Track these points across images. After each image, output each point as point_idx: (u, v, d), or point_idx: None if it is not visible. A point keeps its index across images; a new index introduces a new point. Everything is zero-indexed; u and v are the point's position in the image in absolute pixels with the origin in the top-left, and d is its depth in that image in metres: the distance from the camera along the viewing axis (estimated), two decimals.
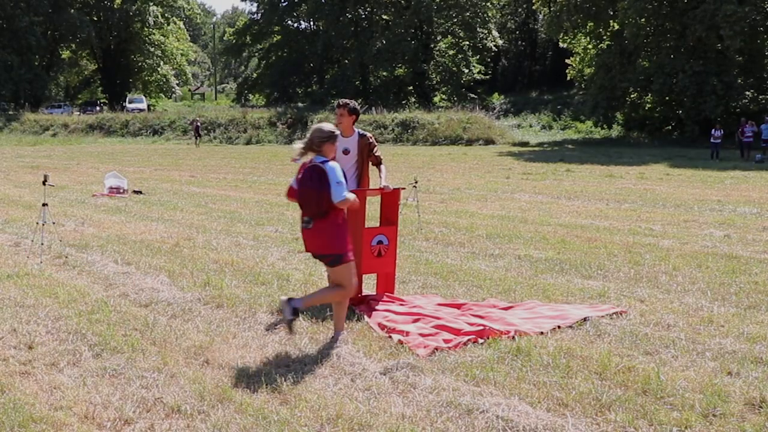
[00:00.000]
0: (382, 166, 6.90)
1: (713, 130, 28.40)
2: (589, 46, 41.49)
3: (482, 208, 13.44)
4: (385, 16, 55.84)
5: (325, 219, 5.34)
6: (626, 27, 35.98)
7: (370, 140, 6.88)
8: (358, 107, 6.95)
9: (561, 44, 45.59)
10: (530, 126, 46.18)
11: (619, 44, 37.61)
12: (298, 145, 5.47)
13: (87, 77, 70.33)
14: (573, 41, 42.84)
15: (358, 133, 6.82)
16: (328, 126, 5.49)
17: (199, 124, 41.48)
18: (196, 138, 40.07)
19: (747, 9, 32.94)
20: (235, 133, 44.19)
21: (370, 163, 6.89)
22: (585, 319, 5.99)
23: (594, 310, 6.29)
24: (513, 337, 5.54)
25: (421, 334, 5.67)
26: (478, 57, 55.15)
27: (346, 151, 6.78)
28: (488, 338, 5.53)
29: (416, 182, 11.64)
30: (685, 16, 34.36)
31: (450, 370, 4.95)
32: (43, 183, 8.85)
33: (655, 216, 12.39)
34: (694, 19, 33.55)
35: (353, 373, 4.88)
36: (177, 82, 67.45)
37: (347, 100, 6.88)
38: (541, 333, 5.66)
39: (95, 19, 60.26)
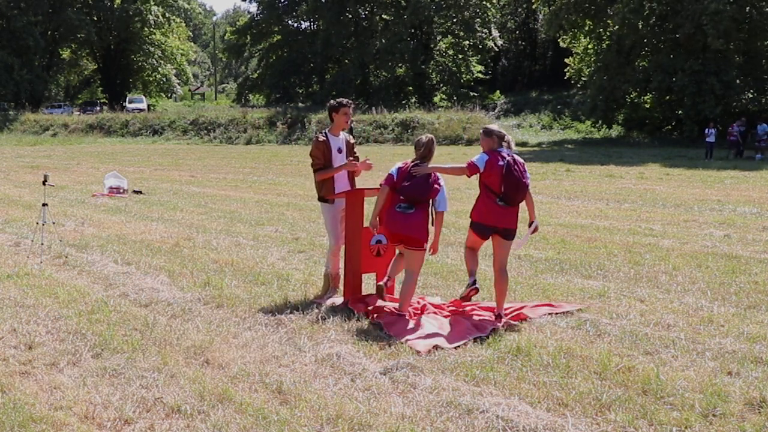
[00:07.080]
0: None
1: (706, 130, 28.42)
2: (589, 46, 41.46)
3: None
4: (385, 16, 55.79)
5: None
6: (622, 27, 35.94)
7: (351, 140, 7.05)
8: None
9: (561, 44, 45.52)
10: (530, 126, 46.06)
11: (617, 44, 37.55)
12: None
13: (87, 77, 70.28)
14: (573, 41, 42.78)
15: (342, 132, 6.92)
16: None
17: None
18: None
19: (737, 4, 32.73)
20: (235, 133, 44.15)
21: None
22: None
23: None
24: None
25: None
26: (478, 57, 55.13)
27: (340, 150, 6.86)
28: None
29: None
30: (679, 16, 34.37)
31: (450, 370, 4.95)
32: (43, 183, 8.86)
33: (655, 216, 12.39)
34: (685, 18, 33.55)
35: (353, 373, 4.89)
36: (177, 82, 67.38)
37: (348, 100, 6.95)
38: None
39: (95, 18, 60.16)
